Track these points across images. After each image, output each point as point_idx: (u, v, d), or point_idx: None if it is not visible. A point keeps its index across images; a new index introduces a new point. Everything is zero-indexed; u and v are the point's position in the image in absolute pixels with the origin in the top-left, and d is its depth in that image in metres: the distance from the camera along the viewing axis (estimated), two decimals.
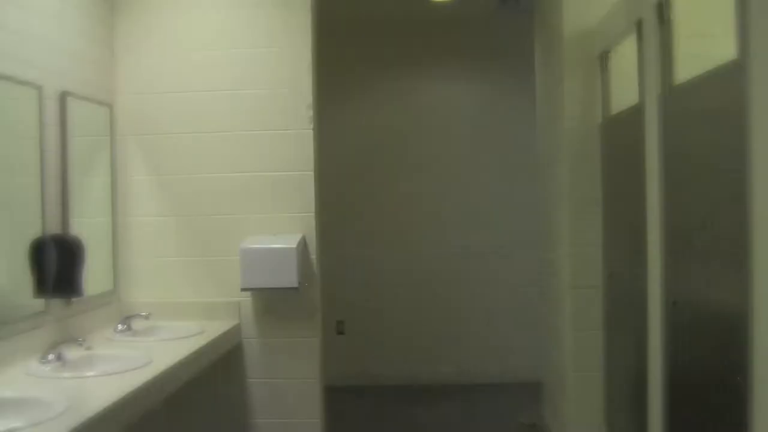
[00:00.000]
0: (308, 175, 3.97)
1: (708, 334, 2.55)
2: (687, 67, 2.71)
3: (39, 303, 3.15)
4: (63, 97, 3.37)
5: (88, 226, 3.62)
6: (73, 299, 3.40)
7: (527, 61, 5.48)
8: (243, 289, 3.84)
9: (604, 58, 3.98)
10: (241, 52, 4.00)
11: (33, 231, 3.14)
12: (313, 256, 3.98)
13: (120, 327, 3.63)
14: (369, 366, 6.29)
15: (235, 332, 3.89)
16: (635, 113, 3.28)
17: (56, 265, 3.23)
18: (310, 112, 3.98)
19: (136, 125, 4.00)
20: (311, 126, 3.98)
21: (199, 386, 3.64)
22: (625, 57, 3.52)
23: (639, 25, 3.22)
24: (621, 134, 3.69)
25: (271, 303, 3.95)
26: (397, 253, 6.29)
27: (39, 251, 3.15)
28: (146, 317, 3.73)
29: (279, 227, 3.94)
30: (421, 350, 6.29)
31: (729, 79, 2.25)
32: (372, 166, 6.32)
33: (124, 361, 2.95)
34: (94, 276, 3.58)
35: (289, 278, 3.72)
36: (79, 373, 2.87)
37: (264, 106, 3.98)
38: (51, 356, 2.90)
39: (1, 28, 2.97)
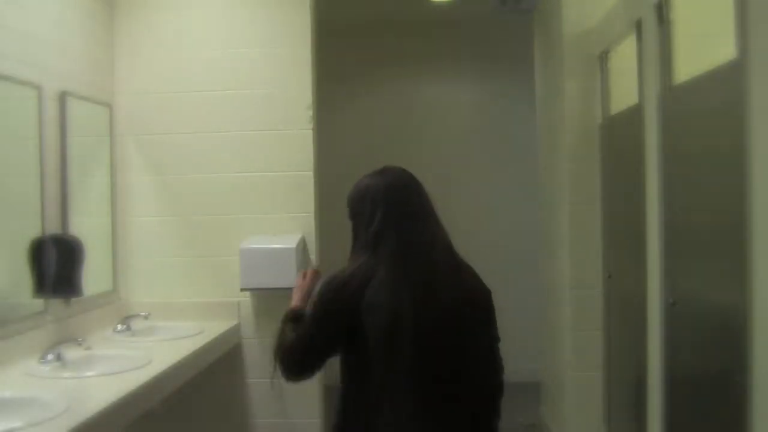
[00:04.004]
0: (308, 176, 3.97)
1: (707, 334, 2.55)
2: (687, 67, 2.71)
3: (38, 303, 3.15)
4: (62, 97, 3.37)
5: (88, 226, 3.62)
6: (73, 299, 3.40)
7: (527, 61, 5.48)
8: (243, 289, 3.84)
9: (603, 58, 3.98)
10: (241, 52, 4.00)
11: (32, 231, 3.14)
12: (313, 256, 3.98)
13: (119, 327, 3.63)
14: None
15: (234, 332, 3.89)
16: (635, 113, 3.28)
17: (56, 265, 3.23)
18: (310, 112, 3.98)
19: (135, 125, 4.00)
20: (311, 126, 3.98)
21: (199, 386, 3.64)
22: (625, 57, 3.52)
23: (639, 25, 3.22)
24: (621, 134, 3.69)
25: (271, 303, 3.95)
26: None
27: (38, 251, 3.15)
28: (146, 317, 3.72)
29: (279, 227, 3.93)
30: None
31: (729, 79, 2.25)
32: (372, 166, 6.27)
33: (124, 361, 2.94)
34: (93, 276, 3.58)
35: (288, 278, 3.71)
36: (78, 373, 2.86)
37: (264, 106, 3.98)
38: (50, 356, 2.90)
39: (1, 28, 2.97)
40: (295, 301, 2.15)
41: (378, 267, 1.92)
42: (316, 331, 1.96)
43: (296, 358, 1.97)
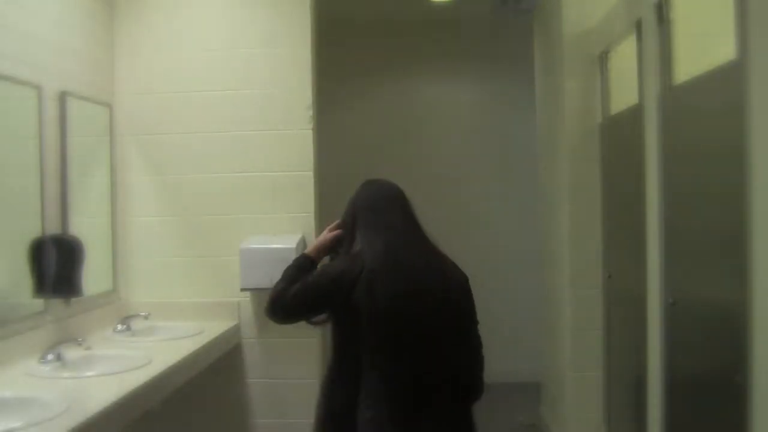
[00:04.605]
0: (308, 176, 3.97)
1: (707, 334, 2.55)
2: (687, 67, 2.71)
3: (38, 303, 3.15)
4: (62, 97, 3.37)
5: (88, 226, 3.62)
6: (73, 299, 3.39)
7: (527, 62, 5.48)
8: (243, 289, 3.84)
9: (603, 58, 3.98)
10: (241, 52, 4.00)
11: (32, 231, 3.14)
12: None
13: (119, 327, 3.63)
14: None
15: (234, 332, 3.89)
16: (635, 113, 3.28)
17: (55, 265, 3.23)
18: (310, 112, 3.97)
19: (135, 125, 4.00)
20: (311, 126, 3.98)
21: (199, 386, 3.64)
22: (625, 57, 3.53)
23: (638, 25, 3.22)
24: (621, 134, 3.69)
25: None
26: None
27: (38, 251, 3.15)
28: (146, 317, 3.72)
29: (279, 227, 3.93)
30: None
31: (728, 79, 2.26)
32: (372, 166, 6.28)
33: (124, 361, 2.94)
34: (93, 276, 3.58)
35: None
36: (78, 373, 2.86)
37: (264, 106, 3.98)
38: (50, 356, 2.90)
39: (1, 27, 2.97)
40: (310, 248, 2.40)
41: (367, 261, 2.10)
42: (310, 293, 2.18)
43: (285, 302, 2.20)
